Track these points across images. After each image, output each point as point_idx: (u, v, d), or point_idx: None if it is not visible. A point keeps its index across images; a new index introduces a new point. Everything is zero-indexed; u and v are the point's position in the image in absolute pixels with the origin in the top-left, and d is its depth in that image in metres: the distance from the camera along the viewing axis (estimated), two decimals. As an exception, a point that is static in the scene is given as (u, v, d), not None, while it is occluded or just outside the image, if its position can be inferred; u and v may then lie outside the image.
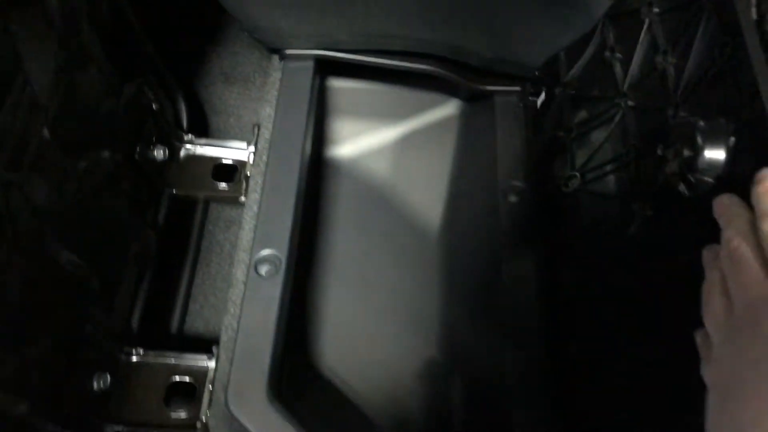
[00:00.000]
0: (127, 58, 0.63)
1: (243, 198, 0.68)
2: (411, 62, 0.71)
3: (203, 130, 0.86)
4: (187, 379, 0.60)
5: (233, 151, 0.77)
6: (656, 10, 0.51)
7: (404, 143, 0.83)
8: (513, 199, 0.69)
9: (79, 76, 0.52)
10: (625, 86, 0.53)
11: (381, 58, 0.70)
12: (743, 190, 0.33)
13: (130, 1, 0.64)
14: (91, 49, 0.54)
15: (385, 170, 0.83)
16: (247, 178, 0.67)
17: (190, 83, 0.87)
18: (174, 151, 0.74)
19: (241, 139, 0.78)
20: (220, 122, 0.87)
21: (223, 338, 0.55)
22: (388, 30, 0.68)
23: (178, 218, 0.74)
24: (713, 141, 0.39)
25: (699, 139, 0.39)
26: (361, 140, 0.83)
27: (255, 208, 0.59)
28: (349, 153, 0.83)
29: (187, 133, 0.76)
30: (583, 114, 0.62)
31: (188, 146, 0.76)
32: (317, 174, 0.79)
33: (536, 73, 0.71)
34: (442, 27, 0.66)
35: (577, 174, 0.59)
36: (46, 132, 0.47)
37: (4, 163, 0.43)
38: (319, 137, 0.80)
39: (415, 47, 0.70)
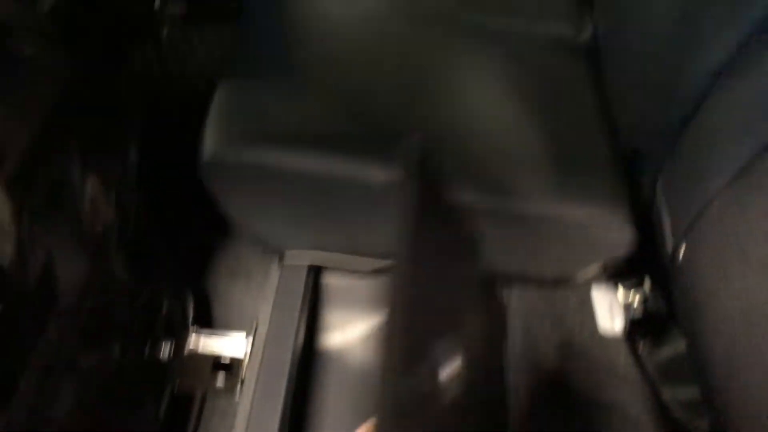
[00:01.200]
0: (144, 267, 0.73)
1: (237, 397, 0.75)
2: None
3: (207, 321, 0.94)
4: None
5: (233, 342, 0.85)
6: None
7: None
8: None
9: (101, 292, 0.61)
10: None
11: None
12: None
13: (149, 213, 0.76)
14: (115, 268, 0.64)
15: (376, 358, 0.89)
16: (242, 381, 0.75)
17: (197, 277, 0.97)
18: (179, 346, 0.82)
19: (242, 329, 0.86)
20: (223, 314, 0.96)
21: None
22: (383, 243, 0.78)
23: (176, 411, 0.80)
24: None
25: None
26: (352, 330, 0.91)
27: (247, 409, 0.65)
28: (341, 343, 0.90)
29: (192, 325, 0.85)
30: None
31: (192, 339, 0.84)
32: (309, 365, 0.86)
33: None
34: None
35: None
36: (70, 337, 0.55)
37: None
38: (313, 330, 0.88)
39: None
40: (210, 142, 0.68)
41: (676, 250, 0.60)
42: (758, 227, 0.50)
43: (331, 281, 0.89)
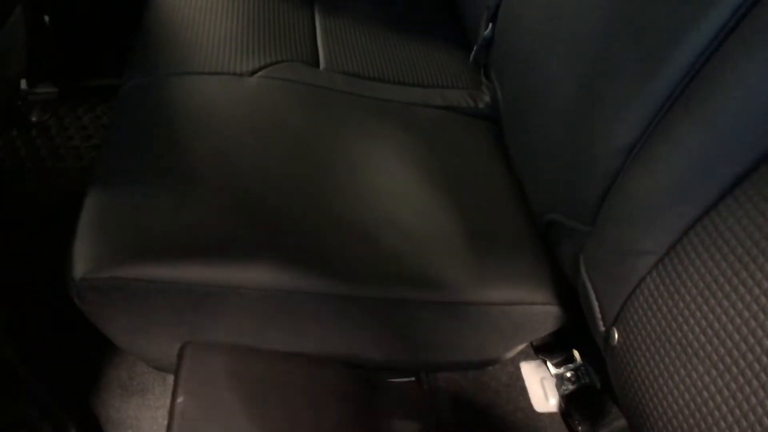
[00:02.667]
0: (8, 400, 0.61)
1: None
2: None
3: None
4: None
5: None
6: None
7: None
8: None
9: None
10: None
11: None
12: None
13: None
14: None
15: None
16: None
17: (84, 399, 0.85)
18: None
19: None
20: (117, 436, 0.83)
21: None
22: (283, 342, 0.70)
23: None
24: None
25: None
26: None
27: None
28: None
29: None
30: None
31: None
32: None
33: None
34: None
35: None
36: None
37: None
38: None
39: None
40: (79, 257, 0.58)
41: (608, 333, 0.56)
42: (696, 310, 0.46)
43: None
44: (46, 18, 1.24)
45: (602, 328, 0.57)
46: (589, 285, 0.59)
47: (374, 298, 0.63)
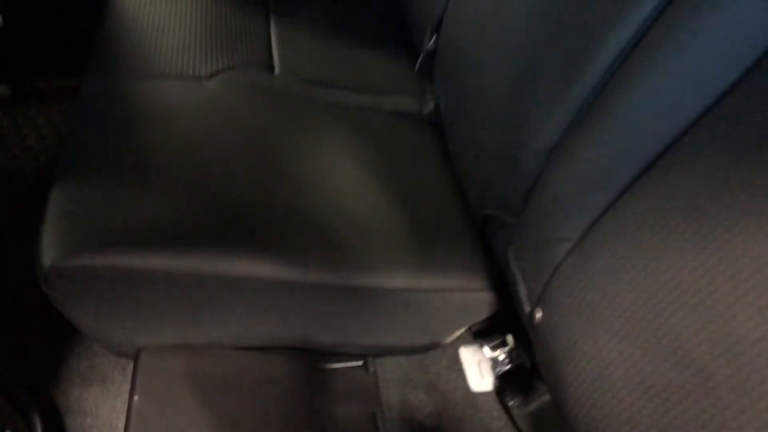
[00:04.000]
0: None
1: None
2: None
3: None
4: None
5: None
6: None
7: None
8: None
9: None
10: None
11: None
12: None
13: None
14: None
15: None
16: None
17: (44, 388, 0.87)
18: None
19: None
20: (78, 423, 0.86)
21: None
22: (245, 333, 0.76)
23: None
24: None
25: None
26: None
27: None
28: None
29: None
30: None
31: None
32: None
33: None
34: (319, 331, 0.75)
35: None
36: None
37: None
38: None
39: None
40: (49, 245, 0.62)
41: (532, 314, 0.63)
42: (602, 289, 0.54)
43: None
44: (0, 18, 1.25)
45: (527, 310, 0.65)
46: (517, 271, 0.66)
47: (323, 284, 0.69)
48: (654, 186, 0.53)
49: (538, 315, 0.62)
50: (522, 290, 0.66)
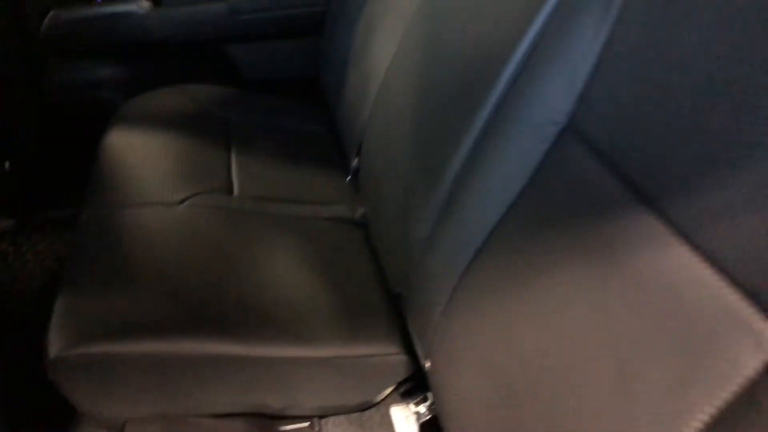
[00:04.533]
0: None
1: None
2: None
3: None
4: None
5: None
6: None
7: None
8: None
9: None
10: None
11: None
12: None
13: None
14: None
15: None
16: None
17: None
18: None
19: None
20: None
21: None
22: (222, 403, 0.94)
23: None
24: None
25: None
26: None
27: None
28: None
29: None
30: None
31: None
32: None
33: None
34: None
35: None
36: None
37: None
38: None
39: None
40: (54, 340, 0.82)
41: (425, 365, 0.83)
42: (462, 339, 0.75)
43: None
44: (7, 164, 1.50)
45: (422, 362, 0.85)
46: (413, 332, 0.87)
47: (268, 357, 0.88)
48: (489, 259, 0.75)
49: (428, 365, 0.82)
50: (418, 347, 0.86)
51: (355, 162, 1.19)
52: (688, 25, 0.54)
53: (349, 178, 1.23)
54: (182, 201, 1.10)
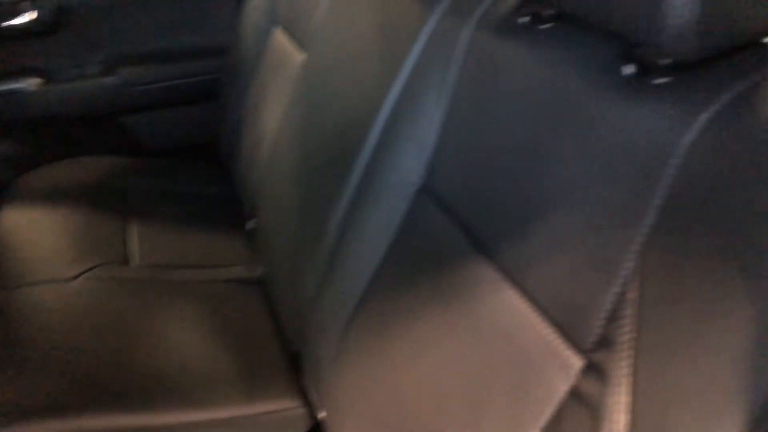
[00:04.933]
0: None
1: None
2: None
3: None
4: None
5: None
6: None
7: None
8: None
9: None
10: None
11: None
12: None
13: None
14: None
15: None
16: None
17: None
18: None
19: None
20: None
21: None
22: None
23: None
24: None
25: None
26: None
27: None
28: None
29: None
30: None
31: None
32: None
33: None
34: None
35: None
36: None
37: None
38: None
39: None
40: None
41: (321, 416, 0.88)
42: (347, 384, 0.80)
43: None
44: None
45: (318, 414, 0.89)
46: (310, 386, 0.91)
47: (172, 424, 0.90)
48: (368, 312, 0.81)
49: (322, 416, 0.87)
50: (314, 399, 0.90)
51: (251, 223, 1.24)
52: (504, 102, 0.64)
53: (247, 239, 1.27)
54: (77, 276, 1.11)
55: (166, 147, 1.70)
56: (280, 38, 1.37)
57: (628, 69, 0.49)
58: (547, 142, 0.57)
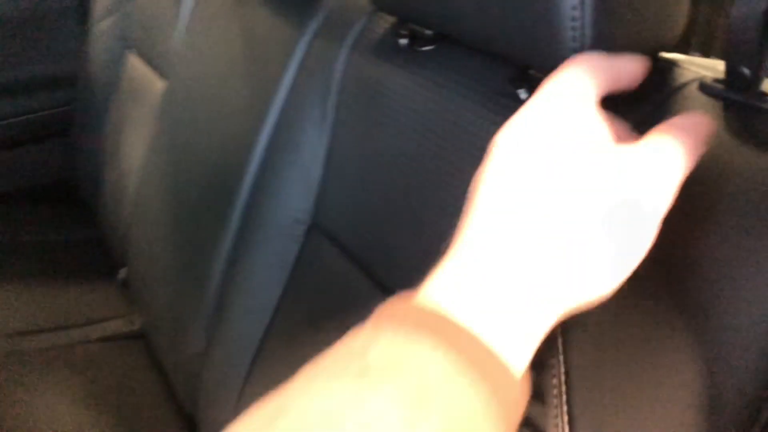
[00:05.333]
0: None
1: None
2: None
3: None
4: None
5: None
6: None
7: None
8: None
9: None
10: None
11: None
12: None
13: None
14: None
15: None
16: None
17: None
18: None
19: None
20: None
21: None
22: None
23: None
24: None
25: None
26: None
27: None
28: None
29: None
30: None
31: None
32: None
33: None
34: None
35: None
36: None
37: None
38: None
39: None
40: None
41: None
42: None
43: None
44: None
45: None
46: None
47: None
48: (267, 365, 0.73)
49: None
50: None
51: (123, 271, 1.11)
52: (388, 129, 0.59)
53: (119, 287, 1.14)
54: None
55: (19, 189, 1.50)
56: (135, 64, 1.25)
57: (523, 93, 0.46)
58: (439, 172, 0.53)
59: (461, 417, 0.25)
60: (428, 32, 0.56)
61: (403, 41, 0.59)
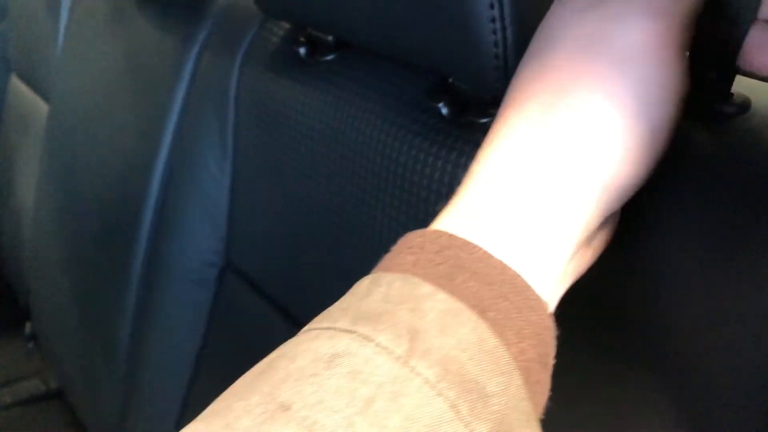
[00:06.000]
0: None
1: None
2: None
3: None
4: None
5: None
6: None
7: None
8: None
9: None
10: None
11: None
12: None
13: None
14: None
15: None
16: None
17: None
18: None
19: None
20: None
21: None
22: None
23: None
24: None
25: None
26: None
27: None
28: None
29: None
30: None
31: None
32: None
33: None
34: None
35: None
36: None
37: None
38: None
39: None
40: None
41: None
42: None
43: None
44: None
45: None
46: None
47: None
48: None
49: None
50: None
51: (29, 325, 0.99)
52: (292, 153, 0.50)
53: (30, 346, 1.02)
54: None
55: None
56: (18, 87, 1.11)
57: (444, 108, 0.38)
58: (353, 197, 0.45)
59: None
60: (329, 38, 0.48)
61: (302, 50, 0.50)
